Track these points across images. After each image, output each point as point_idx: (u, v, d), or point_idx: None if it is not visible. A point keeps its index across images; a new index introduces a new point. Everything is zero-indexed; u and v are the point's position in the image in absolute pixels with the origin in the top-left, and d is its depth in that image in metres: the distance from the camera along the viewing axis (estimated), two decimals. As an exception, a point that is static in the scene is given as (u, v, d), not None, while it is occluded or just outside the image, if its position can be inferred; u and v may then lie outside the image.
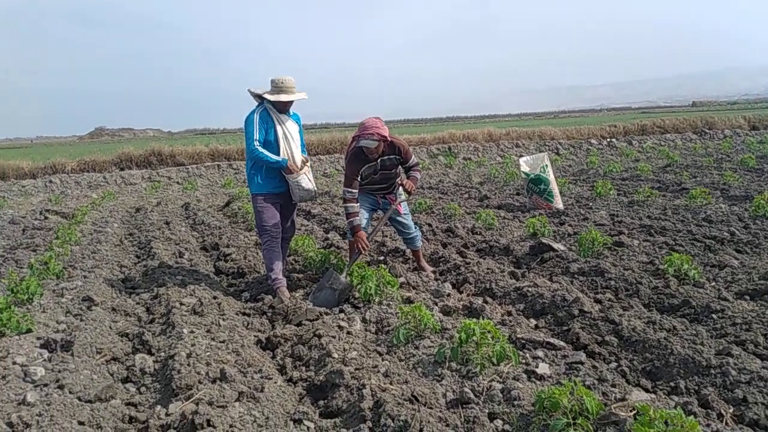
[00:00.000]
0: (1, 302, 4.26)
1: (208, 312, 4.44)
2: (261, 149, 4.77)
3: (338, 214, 9.49)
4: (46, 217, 10.86)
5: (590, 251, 5.68)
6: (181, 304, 4.57)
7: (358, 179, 4.99)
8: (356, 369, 3.25)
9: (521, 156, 19.45)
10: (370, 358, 3.47)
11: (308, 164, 5.11)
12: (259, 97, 4.91)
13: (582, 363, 3.21)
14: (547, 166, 8.86)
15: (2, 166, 17.00)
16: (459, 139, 22.73)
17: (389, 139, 4.93)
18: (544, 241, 5.88)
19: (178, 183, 17.06)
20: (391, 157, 5.05)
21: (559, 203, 8.73)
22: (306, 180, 5.00)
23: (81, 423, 2.70)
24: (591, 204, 9.03)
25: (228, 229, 8.66)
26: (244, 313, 4.71)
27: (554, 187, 8.79)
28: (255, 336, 4.13)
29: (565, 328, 3.92)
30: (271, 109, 4.88)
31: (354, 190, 4.95)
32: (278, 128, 4.86)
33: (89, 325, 4.04)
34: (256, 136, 4.76)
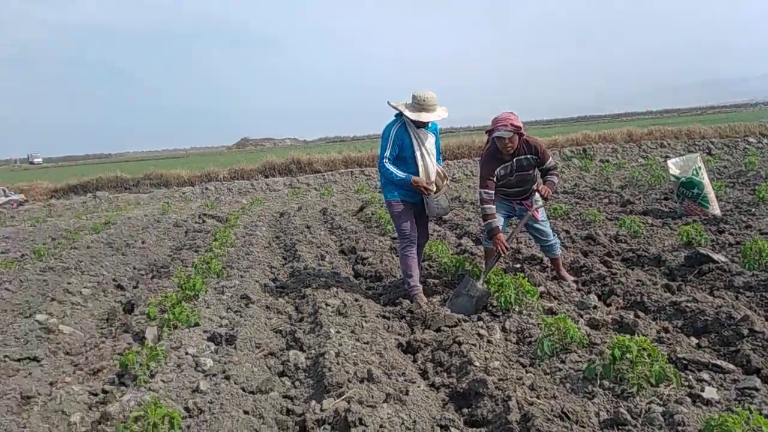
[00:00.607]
0: (173, 298, 4.81)
1: (351, 313, 4.64)
2: (388, 165, 4.82)
3: (470, 219, 9.44)
4: (204, 221, 12.01)
5: (757, 263, 5.09)
6: (327, 304, 4.82)
7: (494, 180, 4.89)
8: (500, 379, 3.21)
9: (668, 157, 18.00)
10: (513, 369, 3.41)
11: (447, 181, 5.10)
12: (399, 112, 4.89)
13: (757, 389, 2.89)
14: (700, 168, 8.10)
15: (166, 175, 19.16)
16: (594, 140, 21.57)
17: (524, 135, 4.78)
18: (702, 251, 5.38)
19: (315, 189, 18.04)
20: (528, 156, 4.88)
21: (715, 209, 7.94)
22: (444, 198, 5.00)
23: (246, 412, 2.95)
24: (754, 210, 8.09)
25: (363, 233, 8.98)
26: (383, 316, 4.84)
27: (709, 191, 8.00)
28: (395, 339, 4.23)
29: (732, 348, 3.55)
30: (410, 123, 4.86)
31: (490, 191, 4.86)
32: (415, 144, 4.84)
33: (248, 321, 4.40)
34: (387, 153, 4.82)
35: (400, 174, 4.82)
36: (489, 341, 3.92)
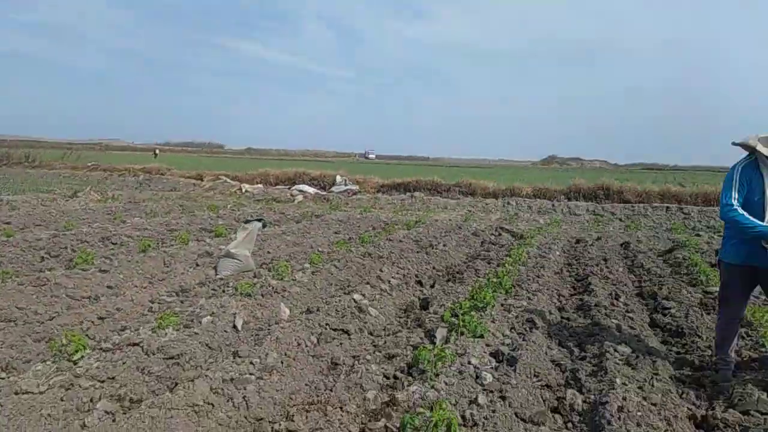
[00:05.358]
0: (465, 305, 5.16)
1: (641, 367, 4.28)
2: (738, 209, 4.03)
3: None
4: (500, 234, 12.44)
5: None
6: (615, 350, 4.55)
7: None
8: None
9: None
10: None
11: None
12: (750, 149, 4.10)
13: None
14: None
15: (474, 185, 20.38)
16: None
17: None
18: None
19: (620, 220, 16.89)
20: None
21: None
22: None
23: (517, 436, 3.03)
24: None
25: (669, 279, 8.08)
26: (678, 379, 4.34)
27: None
28: (688, 409, 3.76)
29: None
30: (764, 161, 4.04)
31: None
32: (767, 187, 4.02)
33: (530, 347, 4.46)
34: (734, 194, 4.06)
35: (756, 221, 3.94)
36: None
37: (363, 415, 3.25)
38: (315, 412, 3.16)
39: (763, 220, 3.94)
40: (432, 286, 7.22)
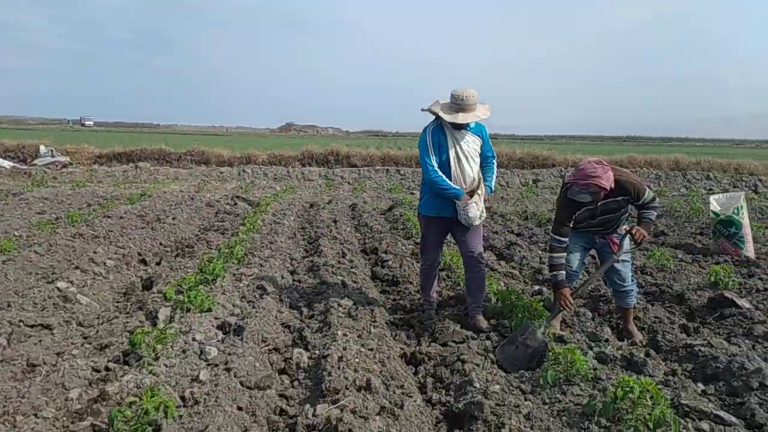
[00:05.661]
0: (191, 280, 4.92)
1: (361, 317, 4.66)
2: (437, 171, 4.40)
3: (496, 232, 9.36)
4: (235, 203, 12.23)
5: (785, 314, 4.91)
6: (339, 305, 4.86)
7: (570, 225, 4.27)
8: (497, 404, 3.19)
9: (711, 191, 17.46)
10: (512, 395, 3.38)
11: (480, 191, 4.55)
12: (435, 114, 4.45)
13: (756, 449, 2.81)
14: (742, 207, 7.84)
15: (207, 153, 19.56)
16: (640, 164, 21.11)
17: (612, 186, 4.00)
18: (726, 294, 5.22)
19: (349, 183, 18.14)
20: (618, 199, 4.13)
21: (750, 251, 7.67)
22: (474, 208, 4.44)
23: (240, 408, 3.01)
24: (793, 256, 7.79)
25: (388, 234, 8.99)
26: (393, 324, 4.85)
27: (747, 232, 7.74)
28: (401, 348, 4.25)
29: (738, 400, 3.45)
30: (446, 124, 4.42)
31: (564, 239, 4.22)
32: (451, 147, 4.43)
33: (259, 313, 4.48)
34: (432, 160, 4.41)
35: (453, 186, 4.40)
36: (493, 362, 3.91)
37: (64, 418, 2.86)
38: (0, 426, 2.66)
39: (450, 176, 4.46)
40: (158, 264, 6.74)
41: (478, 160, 4.59)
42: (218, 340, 3.91)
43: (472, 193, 4.52)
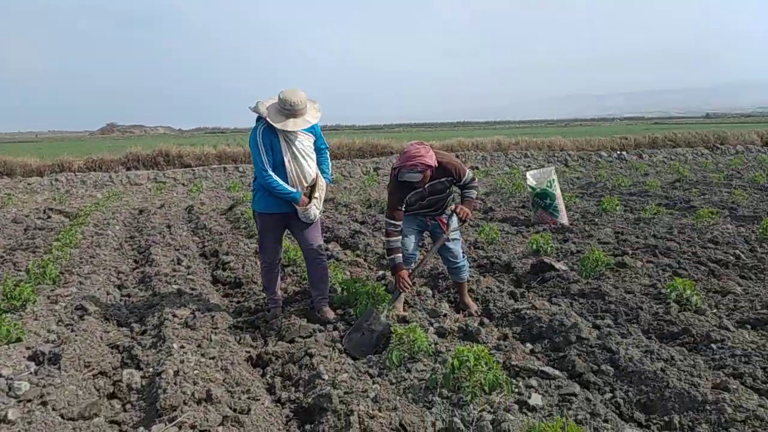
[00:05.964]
0: (-8, 309, 4.25)
1: (201, 325, 4.39)
2: (272, 175, 4.24)
3: (341, 222, 9.43)
4: (49, 216, 10.89)
5: (592, 272, 5.58)
6: (174, 315, 4.52)
7: (402, 209, 4.38)
8: (345, 393, 3.18)
9: (529, 167, 19.38)
10: (360, 380, 3.40)
11: (321, 187, 4.52)
12: (262, 115, 4.25)
13: (575, 395, 3.12)
14: (554, 180, 8.78)
15: (10, 163, 17.08)
16: (468, 147, 22.68)
17: (436, 165, 4.25)
18: (545, 260, 5.80)
19: (183, 184, 17.09)
20: (442, 180, 4.38)
21: (564, 218, 8.64)
22: (314, 209, 4.44)
23: (60, 443, 2.65)
24: (597, 220, 8.92)
25: (229, 235, 8.62)
26: (237, 327, 4.64)
27: (560, 202, 8.70)
28: (246, 352, 4.07)
29: (561, 354, 3.84)
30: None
31: (398, 222, 4.34)
32: (285, 149, 4.28)
33: (80, 336, 3.99)
34: (265, 162, 4.23)
35: (290, 188, 4.28)
36: (341, 351, 3.90)
37: None
38: None
39: (286, 176, 4.31)
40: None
41: (314, 156, 4.53)
42: (30, 372, 3.41)
43: (312, 189, 4.45)
